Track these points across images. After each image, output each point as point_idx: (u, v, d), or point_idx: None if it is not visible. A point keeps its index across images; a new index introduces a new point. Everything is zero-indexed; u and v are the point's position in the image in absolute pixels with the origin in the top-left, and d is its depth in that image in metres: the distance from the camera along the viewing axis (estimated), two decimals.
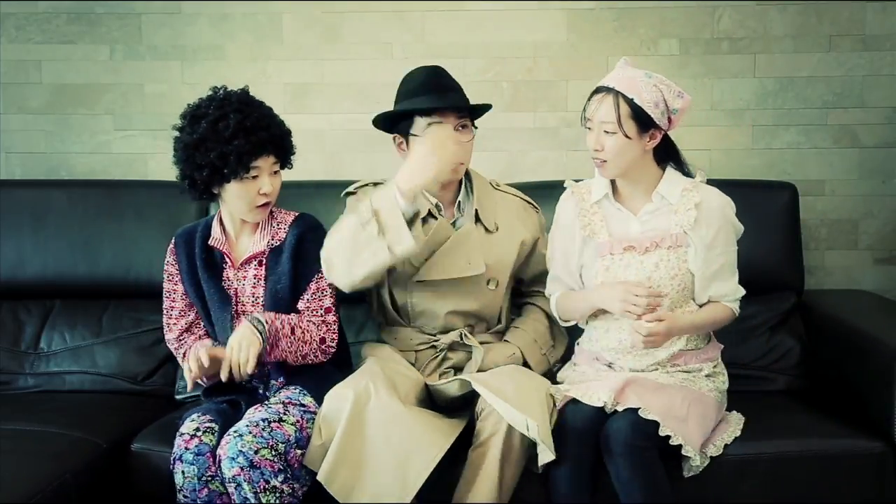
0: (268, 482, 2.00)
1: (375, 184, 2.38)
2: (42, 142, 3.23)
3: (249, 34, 3.17)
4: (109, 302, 2.87)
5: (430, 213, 2.35)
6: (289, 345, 2.20)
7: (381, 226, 2.11)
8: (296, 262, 2.28)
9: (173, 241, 2.39)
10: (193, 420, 2.15)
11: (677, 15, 3.11)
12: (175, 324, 2.38)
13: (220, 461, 2.03)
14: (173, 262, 2.38)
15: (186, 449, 2.07)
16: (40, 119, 3.22)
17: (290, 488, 2.04)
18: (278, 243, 2.32)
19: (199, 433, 2.10)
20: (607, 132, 2.20)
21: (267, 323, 2.15)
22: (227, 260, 2.34)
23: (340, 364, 2.38)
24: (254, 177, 2.22)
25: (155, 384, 2.75)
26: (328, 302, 2.31)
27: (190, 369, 2.14)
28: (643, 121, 2.19)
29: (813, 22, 3.09)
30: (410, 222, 2.14)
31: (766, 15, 3.10)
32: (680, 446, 2.09)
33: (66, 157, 3.23)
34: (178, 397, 2.70)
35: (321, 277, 2.29)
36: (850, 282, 3.16)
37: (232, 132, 2.18)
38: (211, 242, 2.34)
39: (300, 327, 2.23)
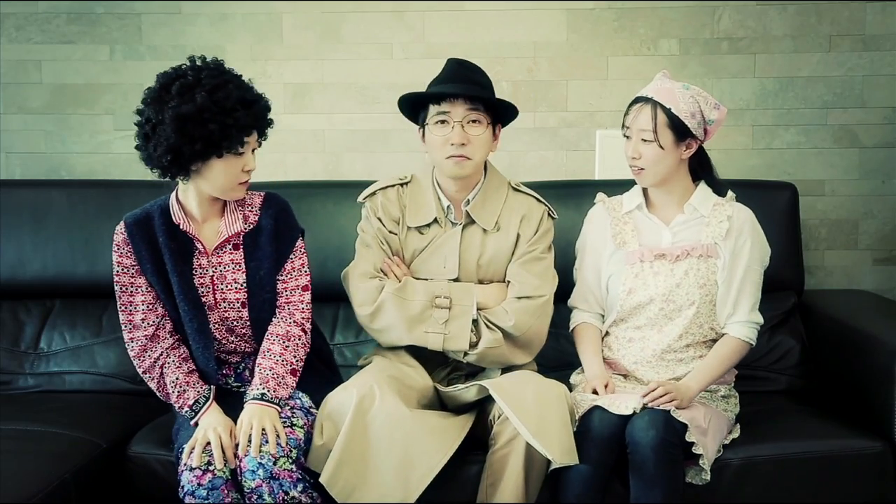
0: (287, 493, 1.99)
1: (384, 188, 2.38)
2: (42, 142, 3.23)
3: (249, 34, 3.17)
4: (109, 302, 2.85)
5: (435, 220, 2.35)
6: (294, 380, 2.20)
7: (451, 315, 2.24)
8: (276, 246, 2.23)
9: (123, 230, 2.21)
10: (203, 452, 2.03)
11: (677, 15, 3.11)
12: (142, 321, 2.20)
13: (241, 473, 2.01)
14: (129, 254, 2.20)
15: (199, 485, 2.00)
16: (40, 119, 3.22)
17: (308, 498, 2.03)
18: (251, 226, 2.23)
19: (211, 467, 2.02)
20: (645, 140, 2.26)
21: (271, 391, 2.12)
22: (199, 246, 2.21)
23: (320, 355, 2.37)
24: (241, 153, 2.13)
25: None
26: (304, 280, 2.27)
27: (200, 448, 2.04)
28: (680, 130, 2.25)
29: (813, 22, 3.09)
30: None
31: (766, 15, 3.10)
32: (694, 456, 2.09)
33: (66, 157, 3.23)
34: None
35: (297, 256, 2.26)
36: (849, 282, 3.16)
37: (233, 104, 2.07)
38: (183, 227, 2.19)
39: (297, 360, 2.21)
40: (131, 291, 2.23)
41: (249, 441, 2.02)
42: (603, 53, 3.13)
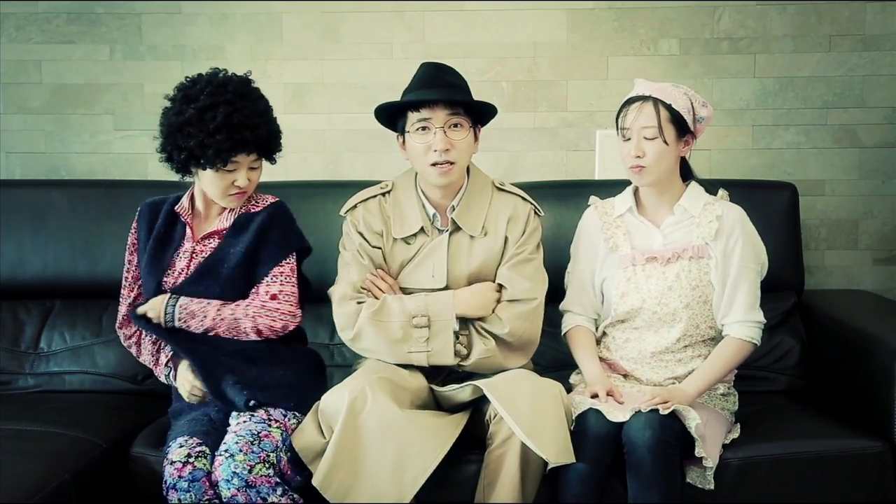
0: (265, 499, 1.99)
1: (365, 200, 2.35)
2: (42, 142, 3.23)
3: (249, 34, 3.17)
4: (109, 302, 2.85)
5: (422, 228, 2.32)
6: (212, 323, 2.24)
7: (431, 333, 2.20)
8: (261, 236, 2.27)
9: (139, 210, 2.39)
10: (182, 446, 2.07)
11: (677, 15, 3.11)
12: (127, 297, 2.38)
13: (216, 483, 2.01)
14: (134, 232, 2.38)
15: (180, 477, 2.01)
16: (40, 119, 3.22)
17: (289, 500, 2.04)
18: (250, 213, 2.31)
19: (191, 459, 2.03)
20: (647, 138, 2.24)
21: (181, 307, 2.23)
22: (189, 232, 2.32)
23: (315, 370, 2.37)
24: (231, 170, 2.21)
25: (155, 384, 2.71)
26: (276, 289, 2.28)
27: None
28: (681, 126, 2.25)
29: (813, 22, 3.09)
30: None
31: (766, 15, 3.10)
32: (696, 456, 2.08)
33: (66, 157, 3.23)
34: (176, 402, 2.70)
35: (286, 263, 2.30)
36: (849, 282, 3.16)
37: (216, 126, 2.14)
38: (177, 209, 2.33)
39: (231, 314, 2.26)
40: (128, 268, 2.39)
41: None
42: (603, 53, 3.13)
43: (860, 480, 2.22)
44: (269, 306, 2.26)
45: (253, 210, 2.32)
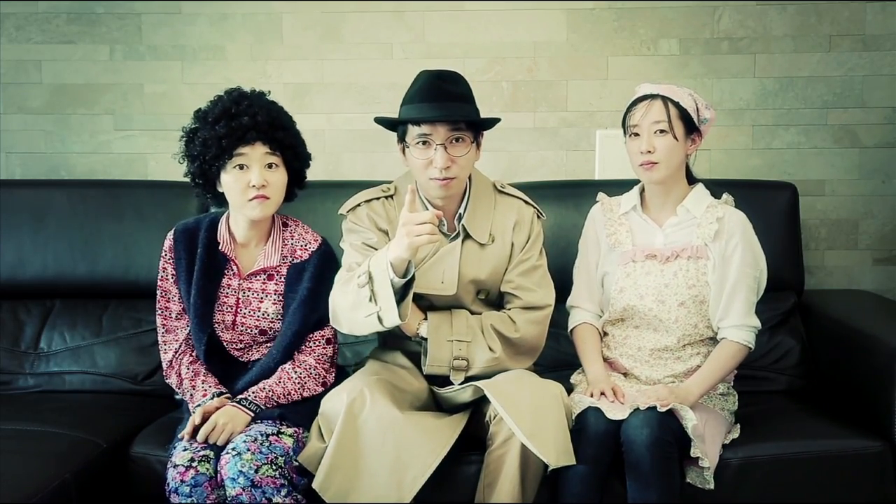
0: (270, 500, 1.99)
1: (368, 201, 2.33)
2: (42, 142, 3.23)
3: (249, 34, 3.17)
4: (109, 302, 2.87)
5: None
6: (286, 399, 2.23)
7: (373, 293, 2.07)
8: (316, 285, 2.25)
9: (172, 235, 2.31)
10: (186, 449, 2.06)
11: (677, 15, 3.11)
12: (177, 327, 2.31)
13: (222, 481, 2.01)
14: (171, 260, 2.30)
15: (182, 482, 2.01)
16: (40, 119, 3.22)
17: (293, 500, 2.04)
18: (298, 261, 2.28)
19: (193, 463, 2.03)
20: (658, 133, 2.26)
21: (263, 406, 2.17)
22: (234, 268, 2.29)
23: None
24: (241, 165, 2.18)
25: (155, 384, 2.74)
26: (329, 332, 2.29)
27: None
28: (688, 123, 2.28)
29: (813, 22, 3.09)
30: (408, 285, 2.08)
31: (766, 15, 3.10)
32: (691, 458, 2.09)
33: (66, 157, 3.23)
34: (178, 397, 2.69)
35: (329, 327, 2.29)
36: (849, 282, 3.16)
37: (216, 117, 2.16)
38: (222, 248, 2.28)
39: (296, 387, 2.24)
40: (168, 297, 2.31)
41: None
42: (603, 53, 3.13)
43: (860, 480, 2.22)
44: (328, 353, 2.29)
45: (300, 259, 2.28)
